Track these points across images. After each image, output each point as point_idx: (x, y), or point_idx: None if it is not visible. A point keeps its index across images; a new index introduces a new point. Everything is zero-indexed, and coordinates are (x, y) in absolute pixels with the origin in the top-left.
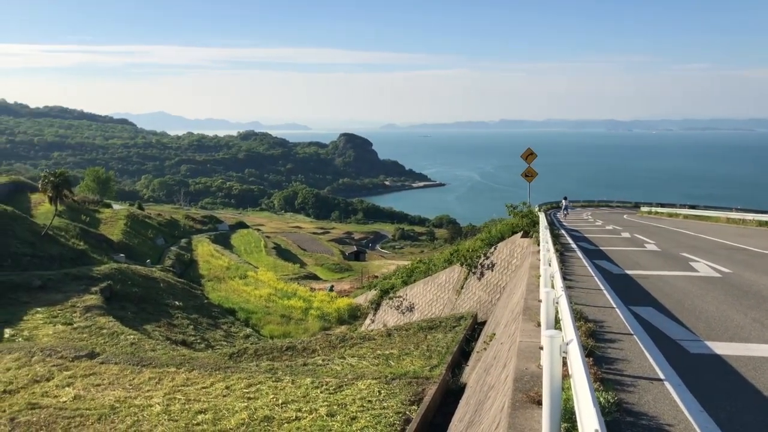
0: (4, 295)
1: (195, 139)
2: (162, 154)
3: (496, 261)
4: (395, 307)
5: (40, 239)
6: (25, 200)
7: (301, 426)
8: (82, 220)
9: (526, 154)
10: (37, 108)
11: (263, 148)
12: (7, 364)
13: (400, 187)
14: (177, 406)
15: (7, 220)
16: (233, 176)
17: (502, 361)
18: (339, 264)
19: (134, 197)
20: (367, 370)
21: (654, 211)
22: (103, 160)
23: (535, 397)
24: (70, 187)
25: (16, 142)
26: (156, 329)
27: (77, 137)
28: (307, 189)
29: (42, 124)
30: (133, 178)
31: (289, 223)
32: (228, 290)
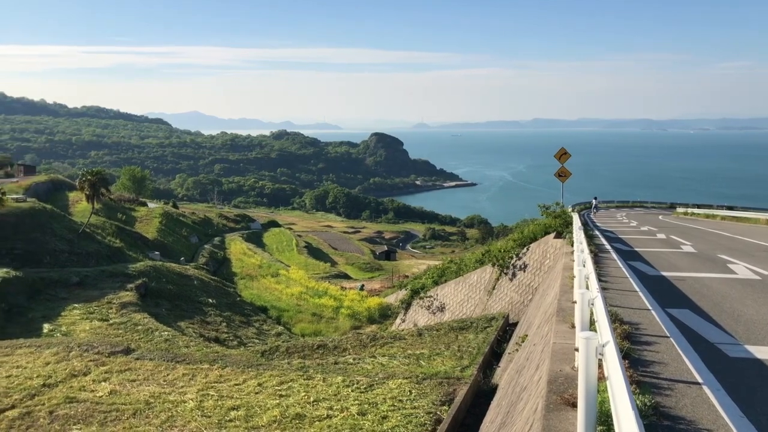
0: (43, 291)
1: (228, 138)
2: (196, 153)
3: (528, 262)
4: (426, 307)
5: (78, 237)
6: (63, 198)
7: (332, 424)
8: (119, 218)
9: (559, 154)
10: (75, 108)
11: (295, 148)
12: (46, 359)
13: (431, 187)
14: (210, 402)
15: (47, 217)
16: (266, 175)
17: (534, 363)
18: (369, 263)
19: (169, 196)
20: (398, 369)
21: (690, 212)
22: (138, 159)
23: (569, 399)
24: (106, 185)
25: (55, 141)
26: (189, 326)
27: (114, 137)
28: (338, 188)
29: (80, 124)
30: (167, 177)
31: (320, 222)
32: (260, 288)
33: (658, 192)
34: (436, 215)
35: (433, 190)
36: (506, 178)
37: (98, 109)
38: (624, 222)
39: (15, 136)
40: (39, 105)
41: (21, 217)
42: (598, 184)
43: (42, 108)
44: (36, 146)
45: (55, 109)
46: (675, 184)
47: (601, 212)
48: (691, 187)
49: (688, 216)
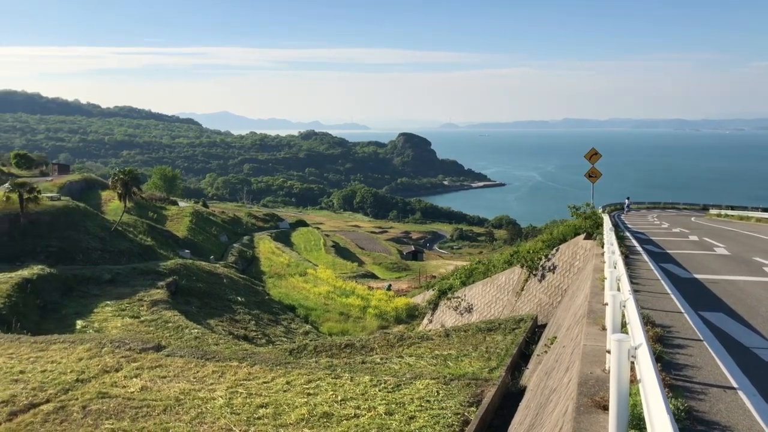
0: (77, 288)
1: (257, 138)
2: (226, 153)
3: (557, 263)
4: (453, 308)
5: (110, 235)
6: (96, 197)
7: (359, 423)
8: (150, 217)
9: (590, 155)
10: (108, 108)
11: (323, 148)
12: (79, 354)
13: (459, 187)
14: (239, 399)
15: (80, 216)
16: (294, 175)
17: (564, 365)
18: (397, 263)
19: (199, 195)
20: (426, 370)
21: (724, 213)
22: (169, 158)
23: (600, 401)
24: (138, 184)
25: (88, 141)
26: (219, 324)
27: (145, 136)
28: (366, 188)
29: (112, 124)
30: (198, 176)
31: (347, 222)
32: (288, 287)
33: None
34: (463, 215)
35: (461, 191)
36: (535, 178)
37: (130, 109)
38: (655, 223)
39: (50, 135)
40: (73, 105)
41: (55, 216)
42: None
43: (76, 108)
44: (70, 146)
45: (88, 109)
46: (708, 185)
47: (632, 213)
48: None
49: (722, 218)
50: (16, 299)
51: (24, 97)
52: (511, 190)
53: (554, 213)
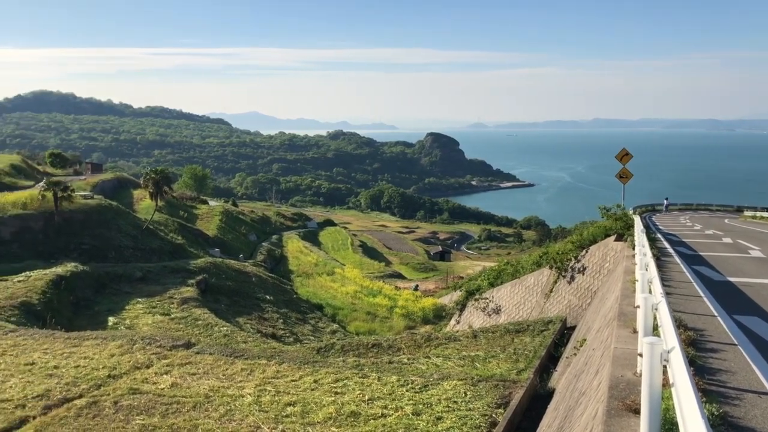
0: (109, 285)
1: (286, 138)
2: (255, 153)
3: (587, 264)
4: (481, 309)
5: (142, 233)
6: (128, 196)
7: (387, 423)
8: (180, 216)
9: (620, 155)
10: (140, 108)
11: (351, 148)
12: (111, 351)
13: (487, 187)
14: (267, 397)
15: (112, 214)
16: (322, 175)
17: (594, 368)
18: (424, 263)
19: (229, 194)
20: (453, 370)
21: (759, 215)
22: (200, 158)
23: (631, 405)
24: (169, 183)
25: (121, 140)
26: (248, 322)
27: (176, 136)
28: (393, 188)
29: (144, 124)
30: (228, 175)
31: (374, 222)
32: (316, 286)
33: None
34: (492, 216)
35: (489, 191)
36: (565, 178)
37: (162, 109)
38: (687, 225)
39: (83, 135)
40: (106, 105)
41: (88, 214)
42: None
43: (109, 108)
44: (103, 145)
45: (121, 109)
46: (742, 186)
47: (664, 215)
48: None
49: (757, 220)
50: (51, 296)
51: (58, 97)
52: (540, 190)
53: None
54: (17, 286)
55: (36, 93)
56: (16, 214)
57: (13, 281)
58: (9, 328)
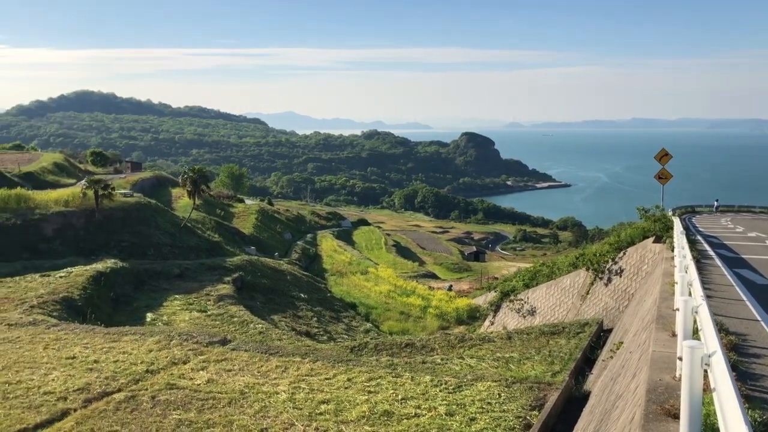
0: (147, 281)
1: (321, 138)
2: (291, 152)
3: (624, 266)
4: (516, 310)
5: (180, 231)
6: (166, 194)
7: (420, 423)
8: (217, 214)
9: (659, 155)
10: (179, 108)
11: (385, 147)
12: (149, 346)
13: (523, 188)
14: (301, 395)
15: (151, 212)
16: (356, 174)
17: (631, 371)
18: (458, 264)
19: (265, 193)
20: (487, 372)
21: None
22: (236, 157)
23: (670, 410)
24: (207, 182)
25: (160, 139)
26: (282, 320)
27: (214, 135)
28: (427, 188)
29: (182, 123)
30: (264, 174)
31: (408, 222)
32: (349, 285)
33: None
34: (527, 216)
35: (524, 191)
36: (602, 179)
37: (200, 109)
38: (729, 227)
39: (123, 134)
40: (145, 105)
41: (128, 212)
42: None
43: (148, 108)
44: (142, 144)
45: (160, 108)
46: None
47: (704, 216)
48: None
49: None
50: (91, 291)
51: (100, 97)
52: (577, 191)
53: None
54: (59, 282)
55: (78, 93)
56: (58, 212)
57: (55, 277)
58: (51, 323)
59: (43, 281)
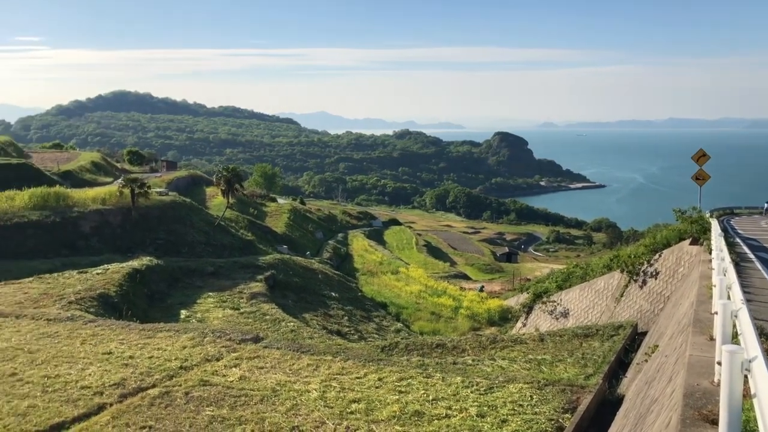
0: (181, 279)
1: (353, 138)
2: (322, 152)
3: (660, 269)
4: (548, 312)
5: (214, 229)
6: (201, 193)
7: (451, 424)
8: (250, 213)
9: (697, 156)
10: (213, 108)
11: (417, 147)
12: (183, 343)
13: (556, 188)
14: (332, 393)
15: (186, 211)
16: (387, 174)
17: (667, 375)
18: (490, 264)
19: (297, 192)
20: (519, 373)
21: None
22: (269, 156)
23: (708, 415)
24: (240, 181)
25: (194, 139)
26: (313, 318)
27: (247, 135)
28: (459, 188)
29: (217, 123)
30: (296, 174)
31: (440, 222)
32: (380, 284)
33: None
34: (561, 217)
35: (558, 191)
36: (637, 180)
37: (234, 109)
38: None
39: (159, 134)
40: (181, 105)
41: (164, 210)
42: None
43: (183, 108)
44: (177, 143)
45: (195, 108)
46: None
47: (743, 219)
48: None
49: None
50: (127, 288)
51: (136, 97)
52: (612, 191)
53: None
54: (96, 279)
55: (116, 93)
56: (96, 210)
57: (92, 273)
58: (88, 318)
59: (81, 278)
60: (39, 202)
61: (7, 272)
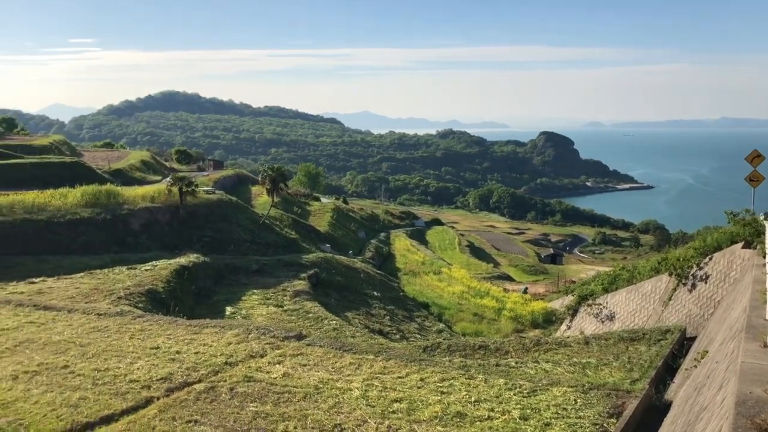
0: (227, 276)
1: (396, 137)
2: (365, 151)
3: (710, 272)
4: (594, 315)
5: (258, 227)
6: (246, 191)
7: (493, 426)
8: (294, 212)
9: (751, 157)
10: (259, 108)
11: (460, 147)
12: (228, 339)
13: (603, 189)
14: (374, 392)
15: (232, 209)
16: (430, 174)
17: (717, 382)
18: (534, 266)
19: (340, 192)
20: (563, 377)
21: None
22: (313, 156)
23: (761, 424)
24: (285, 181)
25: (240, 138)
26: (356, 317)
27: (292, 135)
28: (503, 188)
29: (262, 123)
30: (339, 173)
31: (483, 222)
32: (422, 285)
33: None
34: (607, 219)
35: (604, 192)
36: (686, 181)
37: (279, 109)
38: None
39: (206, 133)
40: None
41: (210, 208)
42: None
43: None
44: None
45: (241, 108)
46: None
47: None
48: None
49: None
50: (174, 284)
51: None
52: (660, 193)
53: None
54: (145, 275)
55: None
56: (145, 207)
57: (141, 270)
58: (137, 314)
59: (130, 273)
60: (90, 199)
61: (60, 267)
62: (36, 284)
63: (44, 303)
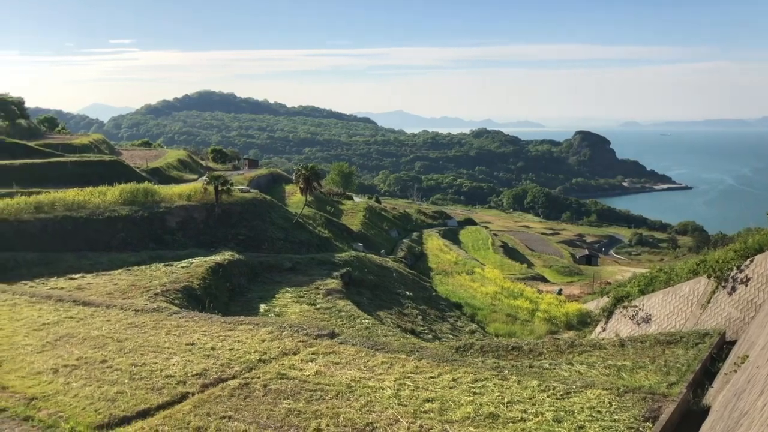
0: (261, 274)
1: (429, 137)
2: (398, 151)
3: (751, 275)
4: (629, 317)
5: (292, 226)
6: (280, 190)
7: (526, 428)
8: (327, 210)
9: None
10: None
11: (494, 146)
12: (262, 336)
13: (640, 189)
14: (406, 392)
15: (266, 208)
16: (464, 173)
17: (758, 387)
18: (569, 267)
19: (372, 191)
20: (597, 379)
21: None
22: (346, 155)
23: None
24: (318, 180)
25: (275, 137)
26: (388, 316)
27: (325, 134)
28: (538, 188)
29: (296, 122)
30: (372, 173)
31: (517, 222)
32: (455, 285)
33: None
34: (644, 219)
35: (641, 193)
36: (726, 181)
37: (313, 108)
38: None
39: (242, 132)
40: (262, 104)
41: (245, 207)
42: None
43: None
44: (259, 142)
45: (275, 108)
46: None
47: None
48: None
49: None
50: (210, 281)
51: (220, 97)
52: (699, 193)
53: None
54: (181, 272)
55: (201, 93)
56: (181, 205)
57: (177, 267)
58: (173, 310)
59: (167, 270)
60: (128, 197)
61: (98, 264)
62: (75, 280)
63: (83, 299)
